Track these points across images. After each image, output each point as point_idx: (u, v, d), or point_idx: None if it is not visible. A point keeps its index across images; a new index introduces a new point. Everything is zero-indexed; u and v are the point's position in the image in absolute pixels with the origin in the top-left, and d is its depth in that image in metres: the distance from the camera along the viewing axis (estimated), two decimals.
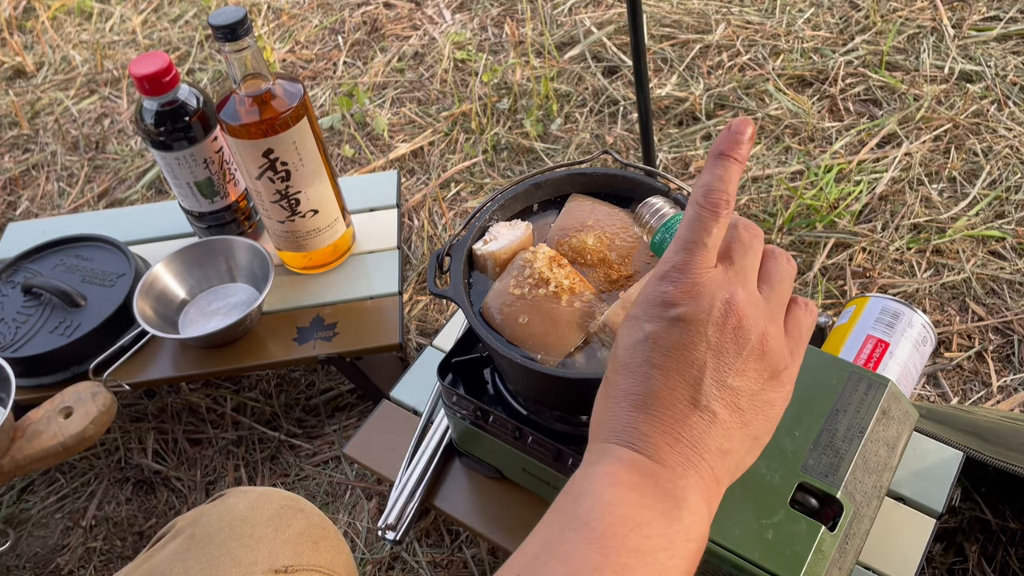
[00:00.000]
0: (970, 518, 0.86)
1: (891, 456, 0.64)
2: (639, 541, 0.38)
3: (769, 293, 0.44)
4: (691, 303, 0.41)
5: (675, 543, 0.39)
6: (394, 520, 0.82)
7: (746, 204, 1.19)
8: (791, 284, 0.45)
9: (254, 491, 0.64)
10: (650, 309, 0.42)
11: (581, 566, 0.37)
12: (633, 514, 0.38)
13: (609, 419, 0.42)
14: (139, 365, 0.96)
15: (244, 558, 0.57)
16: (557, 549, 0.38)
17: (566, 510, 0.40)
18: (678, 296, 0.42)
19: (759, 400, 0.42)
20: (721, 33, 1.47)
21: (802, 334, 0.45)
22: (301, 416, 1.07)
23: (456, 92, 1.47)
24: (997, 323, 1.02)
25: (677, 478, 0.40)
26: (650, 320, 0.42)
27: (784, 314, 0.44)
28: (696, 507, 0.40)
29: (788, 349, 0.43)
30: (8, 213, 1.44)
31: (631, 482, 0.39)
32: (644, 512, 0.39)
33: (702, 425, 0.41)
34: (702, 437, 0.41)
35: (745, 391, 0.41)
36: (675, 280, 0.42)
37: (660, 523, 0.39)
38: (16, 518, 1.03)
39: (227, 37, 0.81)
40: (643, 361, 0.42)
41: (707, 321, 0.41)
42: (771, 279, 0.44)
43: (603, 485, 0.40)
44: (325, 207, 0.95)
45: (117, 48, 1.74)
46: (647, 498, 0.39)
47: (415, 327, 1.13)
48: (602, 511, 0.39)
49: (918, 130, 1.25)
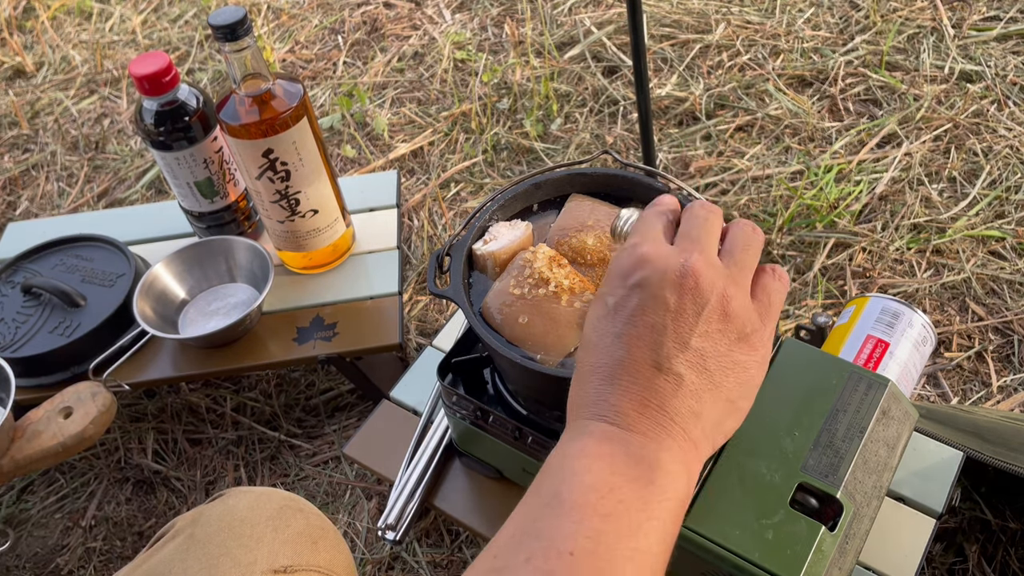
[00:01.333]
0: (970, 518, 0.86)
1: (891, 456, 0.64)
2: (612, 506, 0.38)
3: (729, 260, 0.44)
4: (648, 268, 0.43)
5: (650, 504, 0.39)
6: (394, 520, 0.82)
7: (746, 204, 1.19)
8: (757, 251, 0.46)
9: (254, 491, 0.64)
10: (611, 282, 0.44)
11: (555, 537, 0.37)
12: (604, 480, 0.39)
13: (580, 396, 0.43)
14: (139, 365, 0.96)
15: (243, 558, 0.57)
16: (532, 526, 0.38)
17: (540, 489, 0.40)
18: (635, 264, 0.43)
19: (727, 361, 0.42)
20: (721, 33, 1.47)
21: (771, 299, 0.45)
22: (301, 416, 1.07)
23: (456, 92, 1.47)
24: (997, 323, 1.02)
25: (648, 442, 0.40)
26: (611, 292, 0.44)
27: (750, 279, 0.45)
28: (670, 468, 0.40)
29: (756, 312, 0.44)
30: (8, 213, 1.44)
31: (600, 452, 0.40)
32: (615, 478, 0.39)
33: (668, 388, 0.41)
34: (670, 400, 0.41)
35: (711, 352, 0.42)
36: (631, 253, 0.44)
37: (632, 487, 0.39)
38: (16, 518, 1.03)
39: (227, 37, 0.81)
40: (606, 333, 0.43)
41: (663, 283, 0.42)
42: (733, 246, 0.45)
43: (573, 459, 0.40)
44: (325, 207, 0.95)
45: (117, 48, 1.74)
46: (618, 465, 0.39)
47: (415, 327, 1.12)
48: (572, 483, 0.39)
49: (918, 130, 1.25)
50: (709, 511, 0.59)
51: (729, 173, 1.24)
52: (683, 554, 0.59)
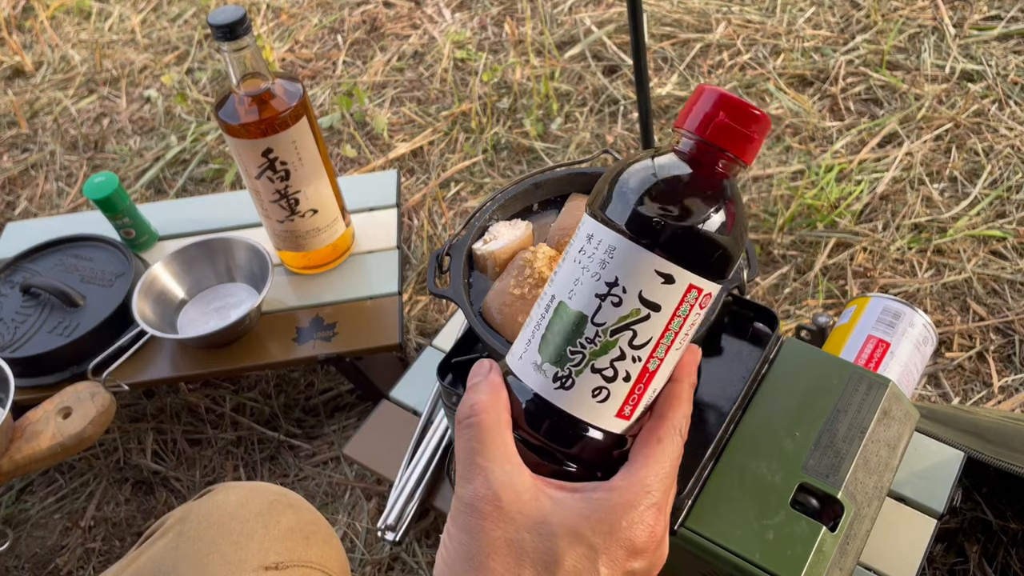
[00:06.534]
0: (971, 518, 0.86)
1: (892, 456, 0.63)
2: None
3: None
4: (657, 554, 0.38)
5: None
6: (394, 520, 0.82)
7: (747, 204, 1.19)
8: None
9: (243, 486, 0.63)
10: (615, 549, 0.36)
11: None
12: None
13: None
14: (138, 365, 0.96)
15: (234, 555, 0.56)
16: None
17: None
18: (650, 545, 0.37)
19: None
20: (721, 32, 1.47)
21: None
22: (300, 416, 1.07)
23: (456, 91, 1.47)
24: (998, 323, 1.02)
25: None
26: (610, 565, 0.36)
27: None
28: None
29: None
30: (7, 213, 1.44)
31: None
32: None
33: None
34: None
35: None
36: (652, 524, 0.37)
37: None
38: (15, 518, 1.03)
39: (226, 36, 0.81)
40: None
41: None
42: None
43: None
44: (324, 207, 0.95)
45: (116, 47, 1.74)
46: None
47: (415, 327, 1.12)
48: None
49: (919, 129, 1.25)
50: (710, 511, 0.58)
51: None
52: (683, 554, 0.59)
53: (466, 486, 0.38)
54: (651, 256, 0.37)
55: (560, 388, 0.39)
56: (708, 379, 0.65)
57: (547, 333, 0.39)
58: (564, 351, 0.38)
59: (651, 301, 0.37)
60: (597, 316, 0.38)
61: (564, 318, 0.39)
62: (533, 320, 0.41)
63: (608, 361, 0.38)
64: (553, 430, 0.39)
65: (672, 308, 0.38)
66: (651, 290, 0.37)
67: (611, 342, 0.38)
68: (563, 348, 0.38)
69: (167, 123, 1.54)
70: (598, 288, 0.38)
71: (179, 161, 1.46)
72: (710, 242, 0.37)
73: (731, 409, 0.62)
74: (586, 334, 0.38)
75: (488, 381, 0.40)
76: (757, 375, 0.64)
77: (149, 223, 1.08)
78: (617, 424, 0.39)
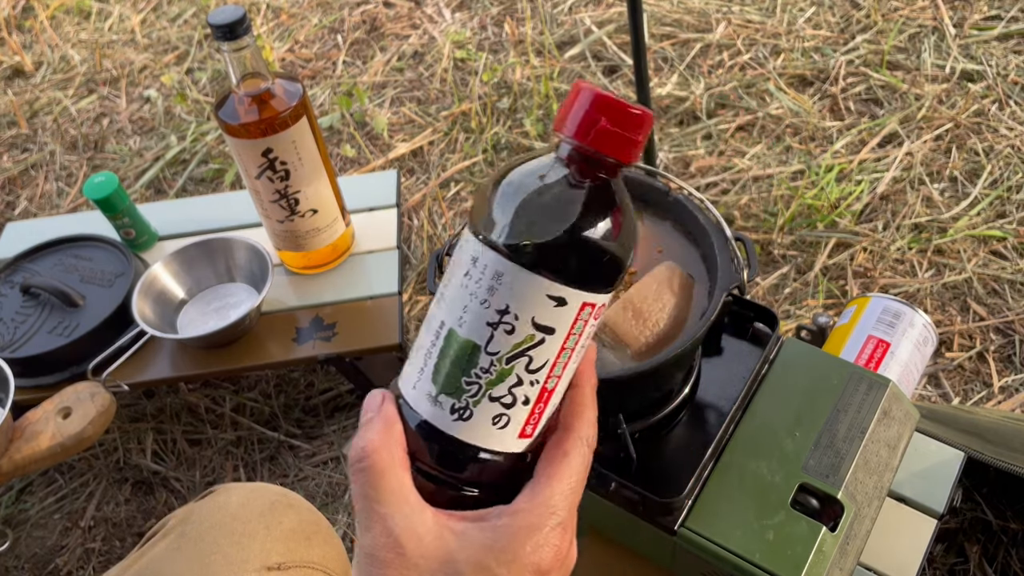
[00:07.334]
0: (971, 519, 0.86)
1: (892, 457, 0.63)
2: None
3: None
4: (557, 574, 0.37)
5: None
6: None
7: (747, 204, 1.19)
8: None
9: (244, 487, 0.63)
10: (521, 569, 0.36)
11: None
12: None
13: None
14: (138, 365, 0.96)
15: (236, 556, 0.57)
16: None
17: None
18: (555, 564, 0.37)
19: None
20: (722, 32, 1.47)
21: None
22: (300, 416, 1.07)
23: (456, 91, 1.47)
24: (998, 323, 1.02)
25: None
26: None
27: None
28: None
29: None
30: (7, 213, 1.44)
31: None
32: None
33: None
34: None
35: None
36: (557, 544, 0.37)
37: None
38: (15, 519, 1.03)
39: (226, 36, 0.81)
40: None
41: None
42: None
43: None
44: (324, 207, 0.95)
45: (116, 47, 1.74)
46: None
47: (415, 327, 1.12)
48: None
49: (919, 129, 1.25)
50: (710, 511, 0.58)
51: (730, 173, 1.24)
52: (683, 554, 0.59)
53: (365, 534, 0.36)
54: (541, 280, 0.35)
55: (459, 420, 0.37)
56: (708, 379, 0.65)
57: (440, 362, 0.37)
58: (459, 382, 0.37)
59: (545, 325, 0.36)
60: (490, 345, 0.36)
61: (456, 347, 0.36)
62: (424, 345, 0.38)
63: (506, 388, 0.37)
64: (453, 459, 0.38)
65: (567, 328, 0.36)
66: (544, 315, 0.35)
67: (507, 370, 0.36)
68: (458, 379, 0.37)
69: (167, 123, 1.54)
70: (489, 317, 0.36)
71: (179, 161, 1.46)
72: (600, 257, 0.35)
73: (731, 409, 0.62)
74: (481, 364, 0.36)
75: (381, 417, 0.38)
76: (757, 375, 0.64)
77: (149, 223, 1.08)
78: (519, 444, 0.38)
